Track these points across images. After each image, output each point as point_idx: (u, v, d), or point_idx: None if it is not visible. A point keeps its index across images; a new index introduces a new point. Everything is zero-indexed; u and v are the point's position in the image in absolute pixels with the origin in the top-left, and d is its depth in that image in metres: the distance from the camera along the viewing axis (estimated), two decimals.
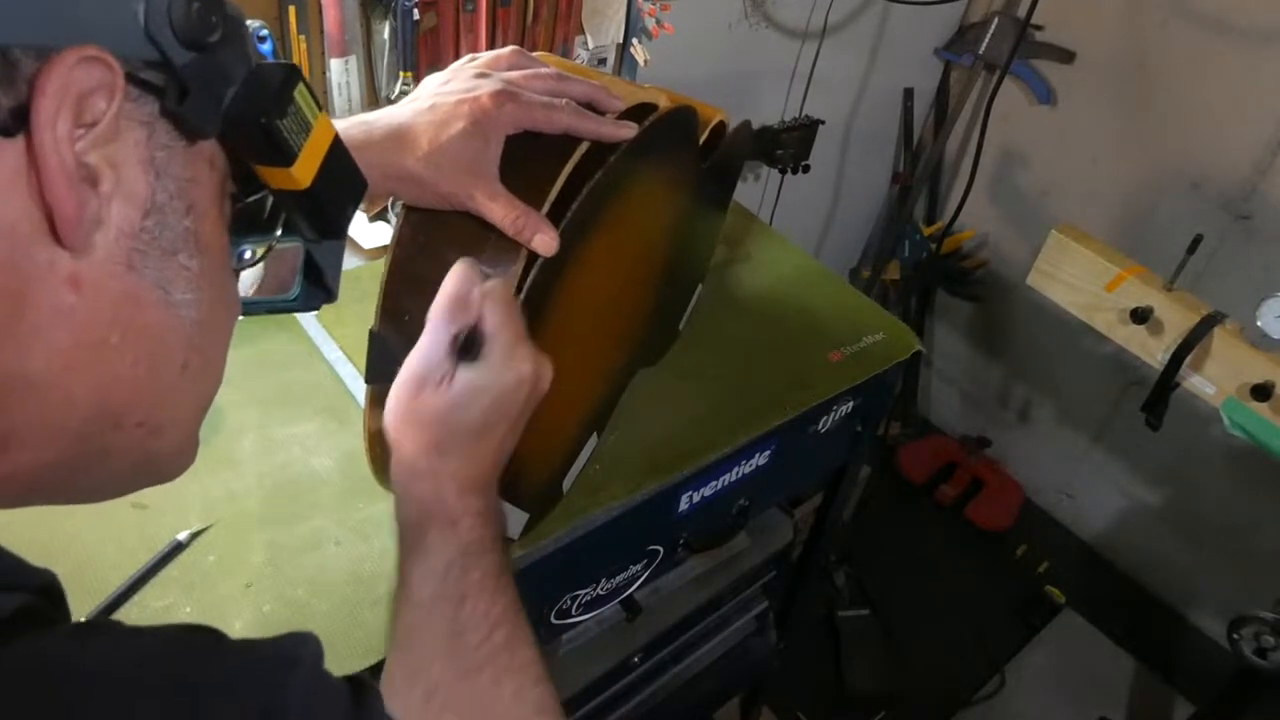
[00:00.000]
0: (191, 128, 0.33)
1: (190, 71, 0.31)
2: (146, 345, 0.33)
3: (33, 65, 0.27)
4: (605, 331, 0.78)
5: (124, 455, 0.35)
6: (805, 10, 1.57)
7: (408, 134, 0.57)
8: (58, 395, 0.30)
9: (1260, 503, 1.83)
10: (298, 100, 0.37)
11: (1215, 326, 1.03)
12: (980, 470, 2.29)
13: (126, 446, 0.34)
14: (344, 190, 0.43)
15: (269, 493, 0.76)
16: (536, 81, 0.61)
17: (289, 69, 0.36)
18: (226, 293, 0.38)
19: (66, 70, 0.27)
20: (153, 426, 0.35)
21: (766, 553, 1.15)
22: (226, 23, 0.32)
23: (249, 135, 0.36)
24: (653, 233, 0.80)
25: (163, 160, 0.32)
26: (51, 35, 0.27)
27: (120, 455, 0.34)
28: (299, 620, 0.68)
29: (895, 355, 1.00)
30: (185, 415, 0.37)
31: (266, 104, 0.35)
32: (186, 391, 0.36)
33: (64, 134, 0.28)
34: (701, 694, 1.22)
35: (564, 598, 0.85)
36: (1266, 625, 1.16)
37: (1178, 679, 1.96)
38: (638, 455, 0.83)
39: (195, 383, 0.36)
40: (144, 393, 0.34)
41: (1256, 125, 1.61)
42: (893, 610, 1.97)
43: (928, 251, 2.02)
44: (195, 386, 0.36)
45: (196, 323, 0.35)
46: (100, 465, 0.34)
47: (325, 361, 0.89)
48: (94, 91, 0.28)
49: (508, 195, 0.57)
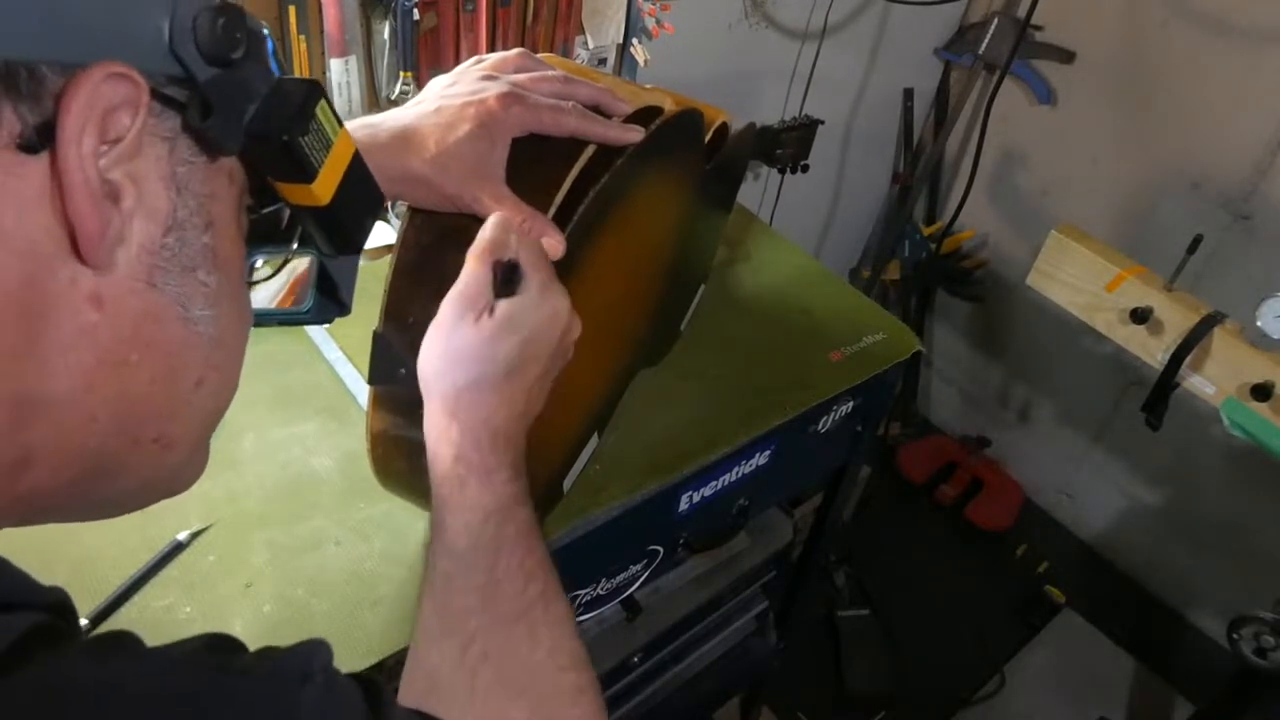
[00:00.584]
0: (214, 144, 0.33)
1: (213, 87, 0.31)
2: (165, 362, 0.33)
3: (58, 81, 0.27)
4: (609, 333, 0.78)
5: (138, 471, 0.34)
6: (805, 10, 1.57)
7: (414, 136, 0.57)
8: (78, 414, 0.30)
9: (1260, 503, 1.83)
10: (319, 117, 0.37)
11: (1215, 326, 1.03)
12: (980, 470, 2.29)
13: (141, 462, 0.34)
14: (363, 206, 0.43)
15: (269, 493, 0.76)
16: (543, 84, 0.61)
17: (310, 85, 0.36)
18: (242, 307, 0.38)
19: (93, 87, 0.27)
20: (167, 442, 0.34)
21: (766, 553, 1.15)
22: (250, 39, 0.32)
23: (270, 152, 0.36)
24: (657, 235, 0.80)
25: (184, 176, 0.32)
26: (78, 51, 0.27)
27: (134, 471, 0.34)
28: (299, 620, 0.68)
29: (895, 355, 1.00)
30: (198, 429, 0.37)
31: (288, 121, 0.35)
32: (201, 407, 0.36)
33: (89, 151, 0.28)
34: (701, 694, 1.22)
35: None
36: (1266, 625, 1.16)
37: (1178, 679, 1.96)
38: (638, 455, 0.83)
39: (210, 398, 0.36)
40: (160, 409, 0.33)
41: (1256, 125, 1.61)
42: (893, 610, 1.97)
43: (928, 251, 2.02)
44: (210, 402, 0.36)
45: (213, 339, 0.35)
46: (114, 481, 0.34)
47: (325, 362, 0.89)
48: (119, 108, 0.28)
49: (514, 198, 0.57)
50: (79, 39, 0.27)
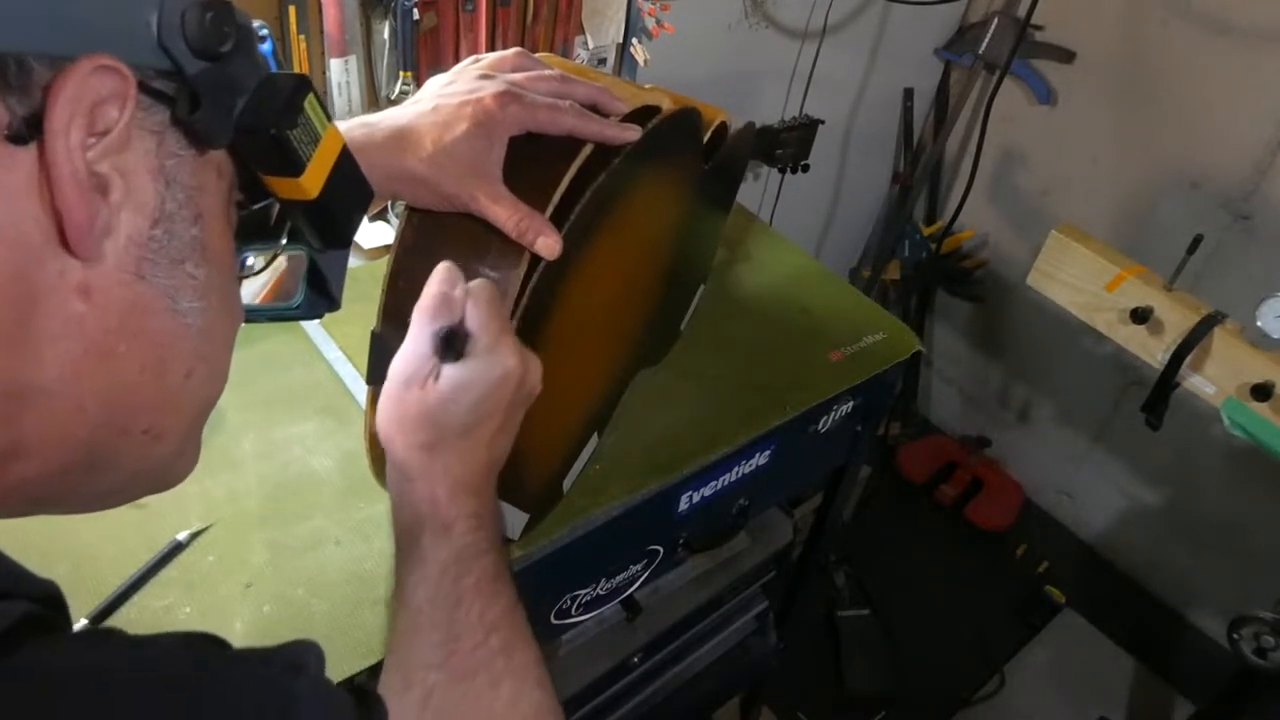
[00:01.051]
0: (202, 137, 0.33)
1: (202, 81, 0.31)
2: (154, 353, 0.33)
3: (47, 73, 0.27)
4: (608, 332, 0.78)
5: (128, 462, 0.35)
6: (805, 10, 1.57)
7: (411, 135, 0.57)
8: (67, 404, 0.30)
9: (1260, 503, 1.83)
10: (307, 111, 0.37)
11: (1215, 326, 1.03)
12: (980, 470, 2.29)
13: (131, 454, 0.34)
14: (351, 200, 0.43)
15: (269, 493, 0.76)
16: (540, 83, 0.61)
17: (299, 79, 0.37)
18: (231, 300, 0.38)
19: (80, 79, 0.27)
20: (157, 433, 0.35)
21: (766, 553, 1.15)
22: (238, 32, 0.32)
23: (258, 145, 0.36)
24: (656, 234, 0.80)
25: (172, 169, 0.32)
26: (66, 44, 0.27)
27: (125, 463, 0.34)
28: (299, 620, 0.68)
29: (895, 355, 1.00)
30: (188, 421, 0.37)
31: (277, 115, 0.35)
32: (191, 398, 0.36)
33: (76, 143, 0.28)
34: (701, 694, 1.22)
35: (564, 598, 0.85)
36: (1266, 625, 1.16)
37: (1178, 679, 1.96)
38: (638, 455, 0.83)
39: (200, 389, 0.36)
40: (150, 400, 0.34)
41: (1256, 125, 1.61)
42: (893, 610, 1.97)
43: (928, 251, 2.02)
44: (200, 393, 0.37)
45: (202, 330, 0.35)
46: (104, 473, 0.34)
47: (325, 361, 0.89)
48: (107, 100, 0.28)
49: (511, 197, 0.57)
50: (68, 32, 0.27)
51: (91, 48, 0.28)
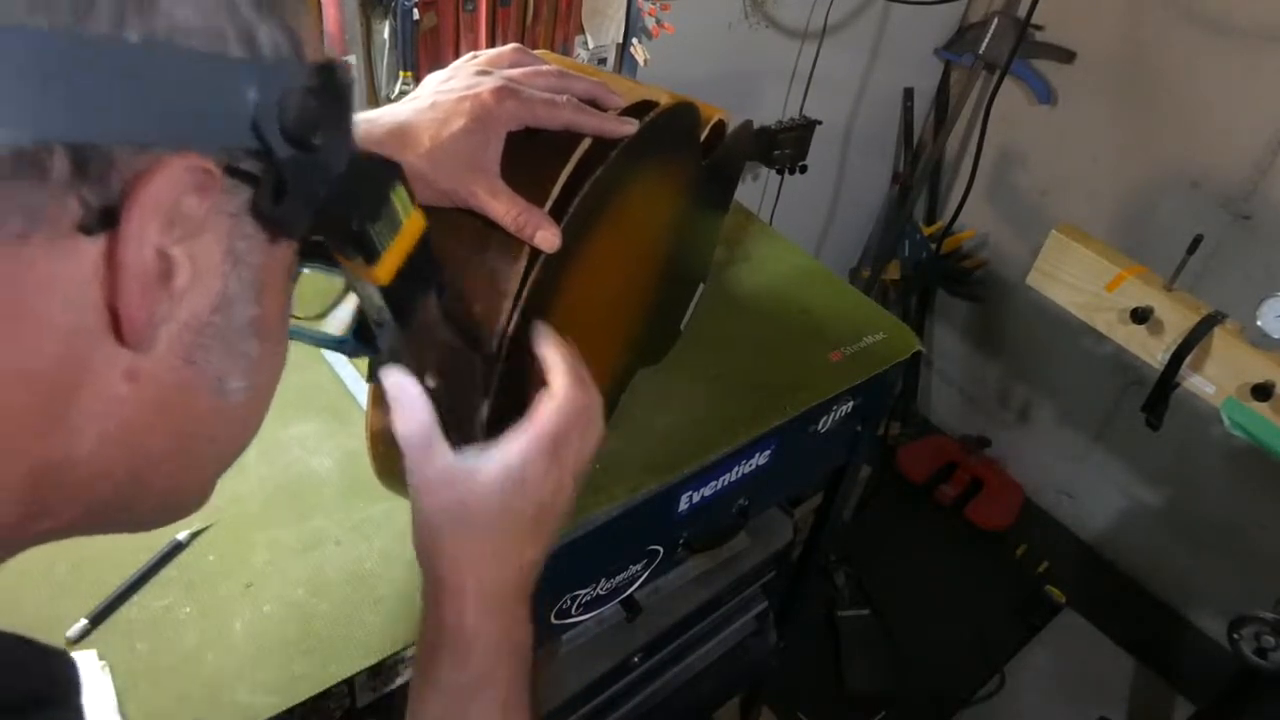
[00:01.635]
0: (280, 227, 0.30)
1: (290, 168, 0.28)
2: (189, 428, 0.32)
3: (129, 162, 0.25)
4: (607, 330, 0.77)
5: (146, 511, 0.34)
6: (805, 10, 1.57)
7: (409, 131, 0.57)
8: (95, 471, 0.29)
9: (1260, 503, 1.83)
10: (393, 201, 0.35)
11: (1215, 326, 1.03)
12: (980, 470, 2.28)
13: (150, 504, 0.34)
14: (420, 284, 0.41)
15: (269, 493, 0.76)
16: (538, 78, 0.61)
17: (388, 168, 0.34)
18: (278, 366, 0.36)
19: (169, 180, 0.25)
20: (177, 486, 0.34)
21: (766, 553, 1.15)
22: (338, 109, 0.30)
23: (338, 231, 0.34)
24: (655, 230, 0.80)
25: (242, 250, 0.30)
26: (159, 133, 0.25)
27: (142, 511, 0.34)
28: (299, 620, 0.68)
29: (895, 355, 1.00)
30: (211, 477, 0.36)
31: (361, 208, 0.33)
32: (217, 458, 0.35)
33: (150, 241, 0.26)
34: (701, 694, 1.22)
35: (564, 598, 0.85)
36: (1266, 625, 1.16)
37: (1178, 679, 1.96)
38: (638, 455, 0.83)
39: (229, 452, 0.36)
40: (176, 464, 0.33)
41: (1256, 125, 1.61)
42: (893, 610, 1.97)
43: (928, 251, 2.02)
44: (228, 454, 0.36)
45: (243, 405, 0.33)
46: (117, 517, 0.33)
47: (325, 361, 0.89)
48: (190, 193, 0.26)
49: (509, 192, 0.57)
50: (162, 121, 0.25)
51: (183, 135, 0.25)
